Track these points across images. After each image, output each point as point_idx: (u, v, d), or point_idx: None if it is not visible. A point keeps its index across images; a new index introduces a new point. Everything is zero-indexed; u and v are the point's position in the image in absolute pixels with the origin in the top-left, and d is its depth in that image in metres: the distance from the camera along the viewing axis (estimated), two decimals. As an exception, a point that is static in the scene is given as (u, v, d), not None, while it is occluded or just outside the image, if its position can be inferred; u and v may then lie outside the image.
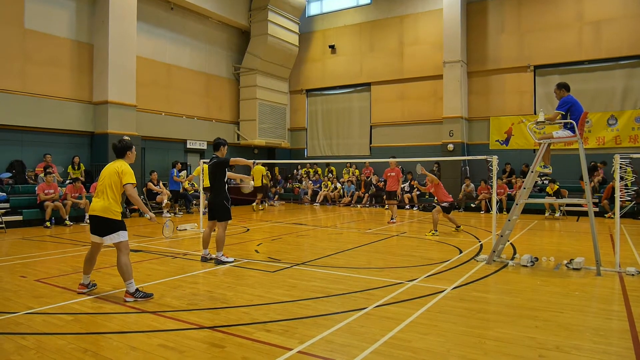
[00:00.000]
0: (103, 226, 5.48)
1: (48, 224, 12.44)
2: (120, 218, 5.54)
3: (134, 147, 5.85)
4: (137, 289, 5.41)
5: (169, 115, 18.95)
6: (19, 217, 12.44)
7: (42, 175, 13.44)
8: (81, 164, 15.03)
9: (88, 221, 7.16)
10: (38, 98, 14.30)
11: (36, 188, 12.85)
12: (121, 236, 5.50)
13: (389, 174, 14.46)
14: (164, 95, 18.75)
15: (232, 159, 7.67)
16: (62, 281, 6.34)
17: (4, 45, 13.53)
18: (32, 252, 8.73)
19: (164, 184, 16.49)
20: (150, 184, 16.04)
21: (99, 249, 5.77)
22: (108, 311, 5.02)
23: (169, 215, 15.47)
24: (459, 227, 11.92)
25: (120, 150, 5.75)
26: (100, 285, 6.05)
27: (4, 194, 12.62)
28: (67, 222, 12.81)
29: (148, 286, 6.03)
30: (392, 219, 14.18)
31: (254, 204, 18.22)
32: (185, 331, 4.36)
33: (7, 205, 12.45)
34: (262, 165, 19.82)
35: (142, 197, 16.14)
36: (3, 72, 13.50)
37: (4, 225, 11.64)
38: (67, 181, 14.11)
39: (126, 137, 6.95)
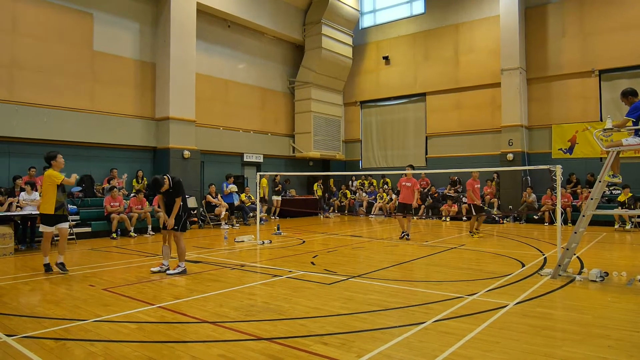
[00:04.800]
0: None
1: (114, 235, 13.02)
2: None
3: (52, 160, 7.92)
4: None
5: (227, 129, 19.48)
6: (88, 229, 13.11)
7: (106, 186, 14.20)
8: (144, 178, 15.68)
9: (152, 233, 7.54)
10: (105, 115, 15.09)
11: (104, 201, 13.52)
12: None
13: (403, 184, 12.76)
14: (221, 110, 19.31)
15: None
16: (127, 290, 6.60)
17: (75, 66, 14.42)
18: (100, 262, 9.16)
19: (221, 197, 16.90)
20: (208, 196, 16.50)
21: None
22: (170, 320, 5.16)
23: (227, 227, 15.83)
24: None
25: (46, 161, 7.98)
26: (161, 296, 6.26)
27: (75, 207, 13.36)
28: (132, 234, 13.36)
29: (207, 296, 6.18)
30: (403, 233, 12.63)
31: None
32: (244, 342, 4.41)
33: (77, 217, 13.17)
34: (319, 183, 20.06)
35: (201, 209, 16.64)
36: (75, 92, 14.37)
37: (74, 237, 12.31)
38: (132, 194, 14.75)
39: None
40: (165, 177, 7.88)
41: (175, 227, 7.87)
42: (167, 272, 7.78)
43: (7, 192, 11.64)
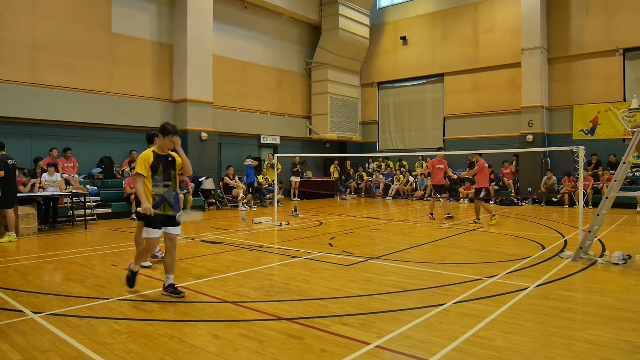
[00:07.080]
0: None
1: (134, 215, 13.17)
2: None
3: (161, 134, 5.29)
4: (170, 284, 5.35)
5: (244, 111, 19.47)
6: (109, 210, 13.31)
7: (127, 169, 14.32)
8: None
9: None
10: (124, 97, 15.19)
11: (123, 182, 13.68)
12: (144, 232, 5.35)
13: (437, 166, 12.96)
14: (238, 92, 19.28)
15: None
16: (148, 270, 6.70)
17: (94, 48, 14.48)
18: (121, 242, 9.30)
19: (239, 179, 16.99)
20: (226, 178, 16.58)
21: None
22: (191, 300, 5.23)
23: (245, 209, 15.92)
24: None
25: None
26: (182, 276, 6.33)
27: (95, 187, 13.56)
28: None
29: (227, 277, 6.24)
30: (447, 215, 13.29)
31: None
32: (264, 322, 4.45)
33: (98, 198, 13.37)
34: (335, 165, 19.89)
35: (218, 190, 16.75)
36: (94, 74, 14.46)
37: (95, 217, 12.52)
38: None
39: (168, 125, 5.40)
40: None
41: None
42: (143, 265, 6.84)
43: (30, 174, 11.83)
